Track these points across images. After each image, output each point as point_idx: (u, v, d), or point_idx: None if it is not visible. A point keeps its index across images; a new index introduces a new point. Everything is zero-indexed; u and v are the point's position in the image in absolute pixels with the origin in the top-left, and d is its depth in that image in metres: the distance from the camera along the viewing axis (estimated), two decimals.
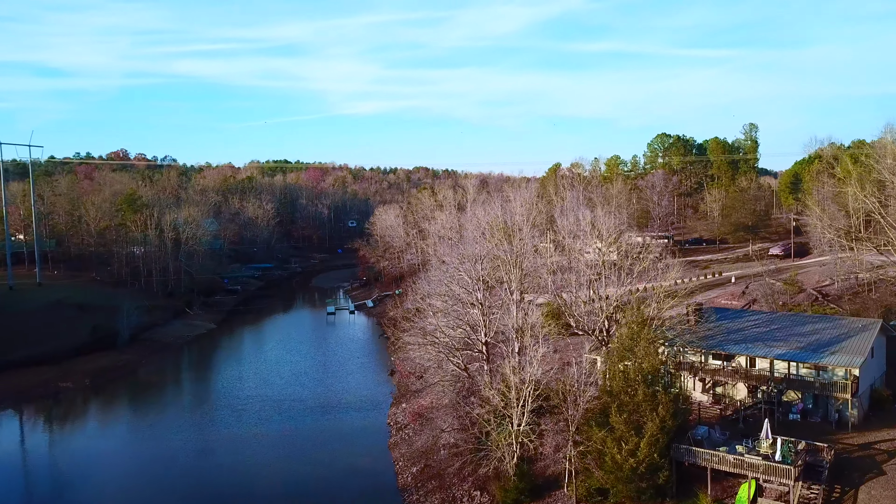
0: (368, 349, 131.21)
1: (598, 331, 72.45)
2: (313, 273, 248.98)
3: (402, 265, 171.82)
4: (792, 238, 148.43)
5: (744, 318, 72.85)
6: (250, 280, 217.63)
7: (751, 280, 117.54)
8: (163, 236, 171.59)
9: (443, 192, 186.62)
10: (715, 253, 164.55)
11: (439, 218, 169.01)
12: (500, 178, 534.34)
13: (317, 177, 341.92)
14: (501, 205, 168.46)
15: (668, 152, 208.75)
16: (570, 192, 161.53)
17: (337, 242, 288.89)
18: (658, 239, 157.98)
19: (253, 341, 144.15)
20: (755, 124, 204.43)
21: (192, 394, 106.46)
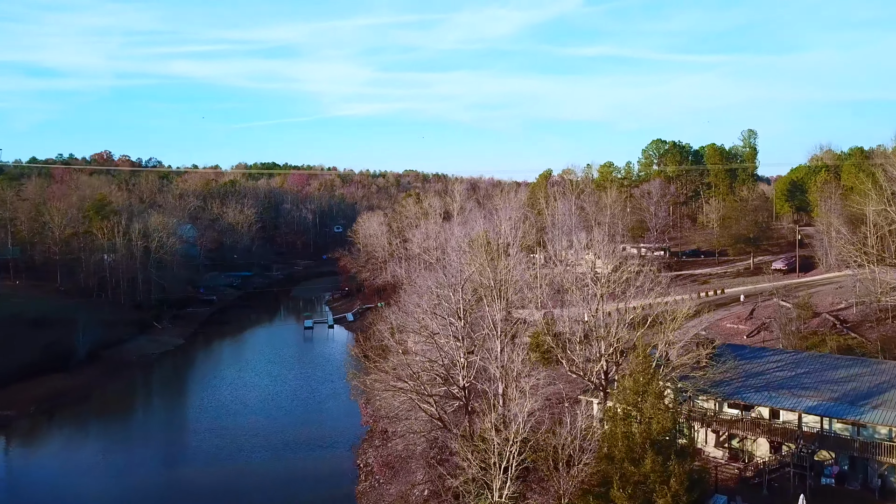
0: (343, 372, 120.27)
1: (596, 375, 61.81)
2: (296, 280, 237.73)
3: (384, 276, 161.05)
4: (797, 251, 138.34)
5: (764, 358, 62.28)
6: (228, 289, 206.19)
7: (758, 301, 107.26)
8: (131, 245, 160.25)
9: (428, 199, 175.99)
10: (714, 266, 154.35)
11: (423, 227, 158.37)
12: (491, 182, 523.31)
13: (301, 181, 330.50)
14: (487, 217, 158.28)
15: (664, 159, 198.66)
16: (561, 201, 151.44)
17: (322, 248, 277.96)
18: (654, 251, 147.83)
19: (220, 360, 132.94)
20: (754, 131, 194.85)
21: (143, 426, 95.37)
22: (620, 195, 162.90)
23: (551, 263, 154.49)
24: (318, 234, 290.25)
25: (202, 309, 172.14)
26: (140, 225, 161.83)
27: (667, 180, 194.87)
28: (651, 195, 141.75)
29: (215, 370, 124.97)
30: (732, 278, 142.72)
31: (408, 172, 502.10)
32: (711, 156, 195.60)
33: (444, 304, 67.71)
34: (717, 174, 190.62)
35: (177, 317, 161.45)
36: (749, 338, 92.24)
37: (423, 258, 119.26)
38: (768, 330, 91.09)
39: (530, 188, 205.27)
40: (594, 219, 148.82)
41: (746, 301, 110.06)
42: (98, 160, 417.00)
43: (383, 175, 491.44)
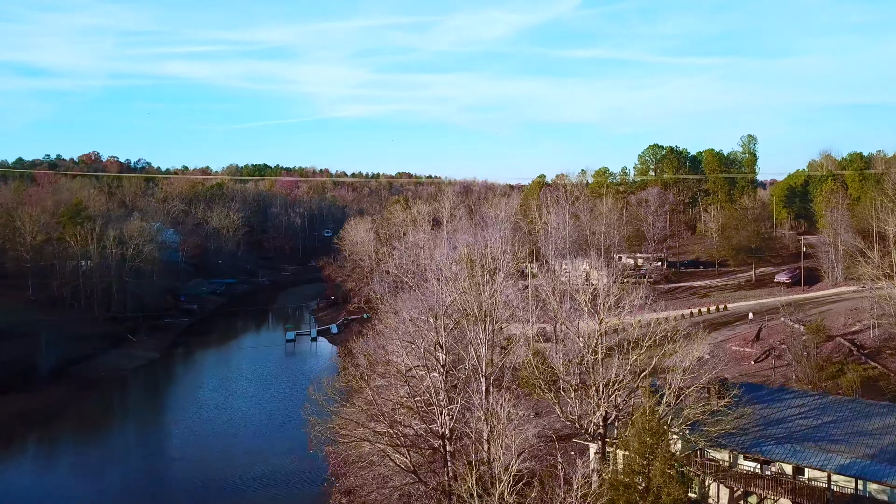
0: (321, 390, 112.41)
1: (594, 426, 53.96)
2: (282, 287, 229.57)
3: (370, 287, 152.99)
4: (801, 264, 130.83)
5: (784, 401, 54.44)
6: (211, 297, 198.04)
7: (765, 320, 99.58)
8: (105, 252, 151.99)
9: (417, 205, 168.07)
10: (714, 277, 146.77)
11: (410, 236, 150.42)
12: (485, 185, 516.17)
13: (290, 184, 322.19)
14: (478, 225, 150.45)
15: (661, 165, 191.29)
16: (554, 210, 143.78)
17: (311, 253, 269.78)
18: (652, 261, 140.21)
19: (194, 377, 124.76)
20: (753, 136, 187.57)
21: (103, 454, 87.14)
22: (616, 203, 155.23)
23: (544, 274, 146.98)
24: (307, 239, 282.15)
25: (181, 320, 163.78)
26: (115, 231, 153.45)
27: (664, 187, 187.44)
28: (648, 203, 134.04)
29: (188, 389, 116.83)
30: (733, 291, 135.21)
31: (400, 175, 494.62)
32: (710, 162, 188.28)
33: (422, 334, 60.07)
34: (715, 181, 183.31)
35: (154, 328, 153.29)
36: (757, 363, 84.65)
37: (403, 280, 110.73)
38: (778, 356, 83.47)
39: (523, 194, 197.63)
40: (589, 228, 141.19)
41: (753, 319, 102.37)
42: (85, 161, 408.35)
43: (376, 177, 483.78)
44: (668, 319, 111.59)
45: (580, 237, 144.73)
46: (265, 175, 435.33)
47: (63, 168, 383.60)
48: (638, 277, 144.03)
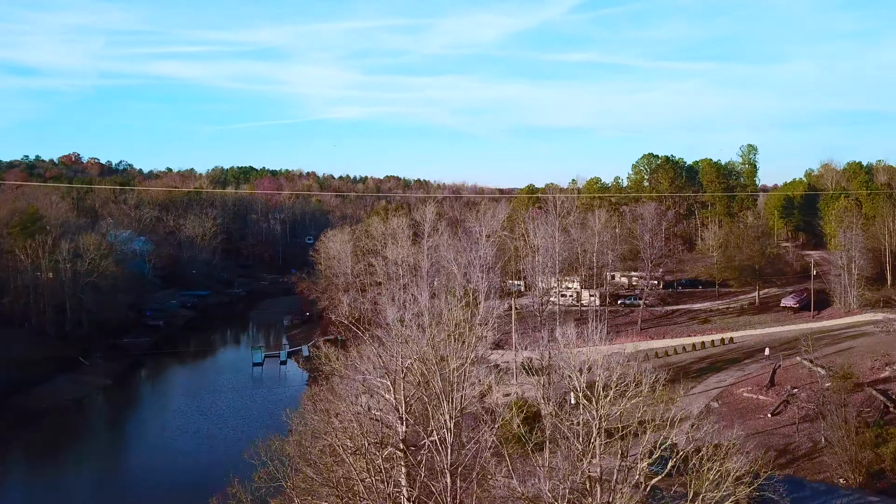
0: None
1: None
2: (259, 297, 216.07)
3: (343, 306, 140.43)
4: (811, 287, 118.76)
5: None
6: (180, 311, 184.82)
7: (779, 358, 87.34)
8: (59, 267, 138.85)
9: (397, 217, 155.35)
10: (714, 299, 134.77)
11: (389, 253, 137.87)
12: (474, 189, 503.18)
13: (272, 188, 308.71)
14: (461, 237, 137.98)
15: (656, 175, 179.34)
16: (543, 224, 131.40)
17: (291, 261, 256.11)
18: (648, 279, 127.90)
19: (144, 410, 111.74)
20: (754, 146, 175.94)
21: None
22: (609, 220, 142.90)
23: (531, 294, 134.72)
24: (288, 246, 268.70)
25: (142, 339, 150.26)
26: (69, 244, 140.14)
27: (658, 199, 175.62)
28: (644, 220, 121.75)
29: (134, 424, 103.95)
30: (736, 316, 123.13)
31: (388, 178, 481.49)
32: (707, 172, 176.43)
33: (378, 400, 47.97)
34: (713, 192, 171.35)
35: (112, 349, 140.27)
36: (774, 416, 72.39)
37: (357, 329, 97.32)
38: (799, 407, 71.16)
39: (511, 205, 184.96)
40: (580, 246, 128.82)
41: (769, 357, 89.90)
42: (65, 163, 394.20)
43: (363, 181, 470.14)
44: (668, 353, 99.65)
45: (571, 255, 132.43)
46: (250, 177, 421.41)
47: (42, 169, 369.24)
48: (633, 300, 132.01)
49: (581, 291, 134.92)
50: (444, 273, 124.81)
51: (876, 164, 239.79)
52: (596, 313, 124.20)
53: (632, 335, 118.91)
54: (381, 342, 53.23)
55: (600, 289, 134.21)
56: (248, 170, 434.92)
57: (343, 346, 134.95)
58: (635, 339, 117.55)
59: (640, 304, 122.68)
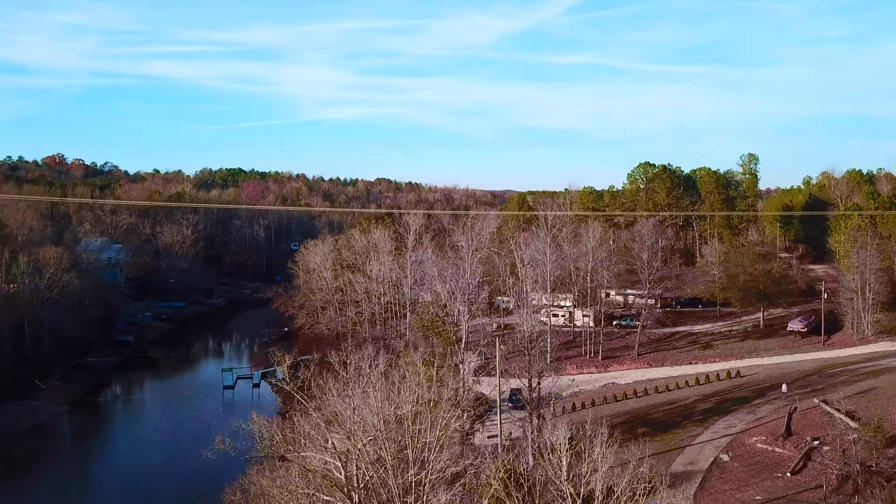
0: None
1: None
2: (240, 308, 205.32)
3: (321, 325, 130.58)
4: (822, 310, 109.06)
5: None
6: (154, 324, 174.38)
7: (793, 398, 77.61)
8: (17, 282, 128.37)
9: (379, 230, 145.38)
10: (715, 320, 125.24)
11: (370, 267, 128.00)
12: (466, 192, 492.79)
13: (257, 192, 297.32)
14: (446, 255, 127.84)
15: (652, 185, 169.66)
16: (534, 239, 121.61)
17: (275, 268, 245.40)
18: (646, 298, 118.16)
19: (100, 444, 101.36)
20: (755, 155, 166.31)
21: None
22: (605, 232, 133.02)
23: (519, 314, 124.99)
24: (272, 252, 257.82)
25: (109, 358, 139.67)
26: (28, 257, 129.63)
27: (655, 208, 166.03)
28: (643, 239, 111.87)
29: (85, 462, 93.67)
30: (740, 340, 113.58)
31: (379, 180, 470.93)
32: (706, 182, 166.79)
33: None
34: (713, 203, 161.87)
35: (74, 369, 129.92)
36: (795, 475, 62.63)
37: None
38: (820, 460, 61.45)
39: (501, 216, 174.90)
40: (573, 263, 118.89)
41: (787, 395, 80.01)
42: (49, 164, 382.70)
43: (353, 184, 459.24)
44: (668, 387, 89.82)
45: (563, 271, 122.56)
46: (238, 179, 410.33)
47: (24, 171, 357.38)
48: (629, 321, 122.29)
49: (574, 311, 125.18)
50: (428, 288, 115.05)
51: (877, 173, 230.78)
52: (590, 335, 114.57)
53: (628, 361, 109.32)
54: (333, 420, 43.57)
55: (594, 306, 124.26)
56: (237, 172, 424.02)
57: (319, 368, 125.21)
58: (632, 366, 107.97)
59: (637, 326, 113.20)
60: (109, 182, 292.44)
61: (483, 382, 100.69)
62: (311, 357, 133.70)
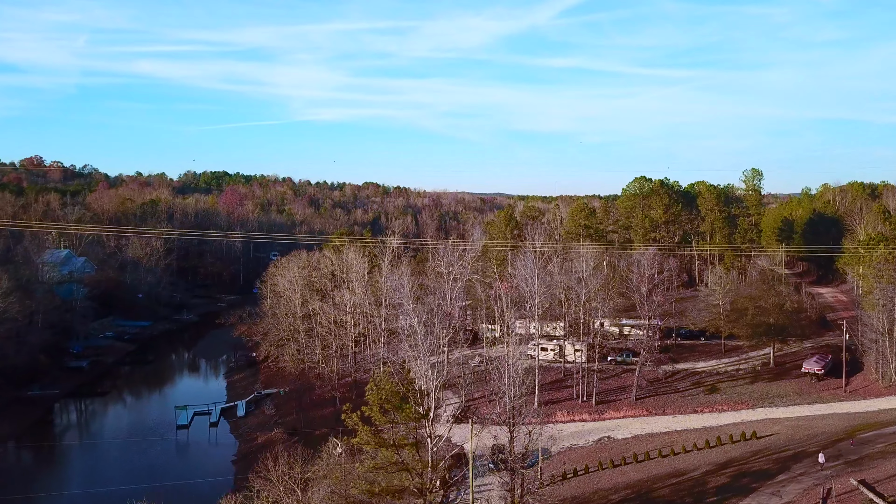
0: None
1: None
2: (212, 324, 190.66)
3: (285, 359, 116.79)
4: (844, 355, 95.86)
5: None
6: (116, 344, 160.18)
7: (825, 476, 64.23)
8: None
9: (353, 249, 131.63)
10: (720, 356, 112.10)
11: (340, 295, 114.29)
12: (455, 198, 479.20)
13: (234, 201, 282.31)
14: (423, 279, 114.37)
15: (648, 201, 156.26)
16: (522, 260, 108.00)
17: (253, 279, 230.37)
18: (645, 335, 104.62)
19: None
20: (758, 170, 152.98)
21: None
22: (599, 256, 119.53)
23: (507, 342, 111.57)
24: (250, 262, 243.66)
25: (54, 390, 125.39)
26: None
27: (652, 227, 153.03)
28: (642, 270, 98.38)
29: None
30: (750, 382, 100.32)
31: (367, 185, 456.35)
32: (707, 200, 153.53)
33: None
34: (713, 221, 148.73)
35: (13, 403, 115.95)
36: None
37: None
38: None
39: (489, 230, 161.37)
40: (564, 293, 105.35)
41: (823, 468, 66.48)
42: (27, 166, 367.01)
43: (341, 188, 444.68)
44: (673, 449, 76.36)
45: (553, 300, 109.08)
46: (222, 183, 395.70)
47: (0, 173, 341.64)
48: (626, 356, 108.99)
49: (565, 344, 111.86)
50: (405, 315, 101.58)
51: (880, 186, 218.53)
52: (582, 373, 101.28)
53: (625, 406, 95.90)
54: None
55: (586, 337, 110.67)
56: (221, 175, 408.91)
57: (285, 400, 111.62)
58: (629, 413, 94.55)
59: (635, 362, 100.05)
60: (82, 188, 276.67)
61: (464, 432, 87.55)
62: (277, 392, 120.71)
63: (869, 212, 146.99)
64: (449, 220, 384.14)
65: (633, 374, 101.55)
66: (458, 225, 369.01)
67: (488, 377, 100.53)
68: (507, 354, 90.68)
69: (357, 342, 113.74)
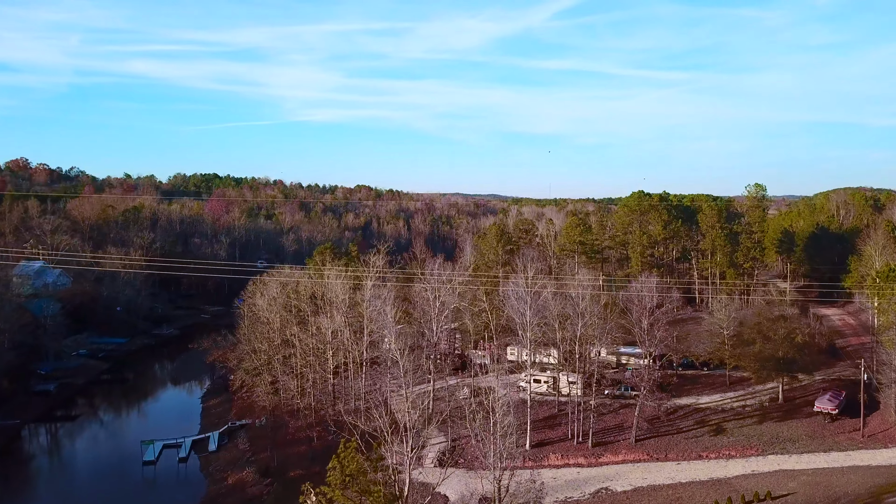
0: None
1: None
2: (193, 337, 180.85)
3: (259, 390, 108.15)
4: (861, 390, 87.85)
5: None
6: (90, 363, 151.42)
7: None
8: None
9: (335, 266, 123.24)
10: (724, 389, 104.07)
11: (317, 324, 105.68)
12: (448, 202, 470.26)
13: (219, 208, 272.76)
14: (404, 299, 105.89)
15: (647, 217, 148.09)
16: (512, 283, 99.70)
17: (238, 289, 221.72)
18: (646, 357, 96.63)
19: None
20: (762, 185, 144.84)
21: None
22: (594, 275, 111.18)
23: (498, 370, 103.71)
24: (237, 271, 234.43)
25: (14, 420, 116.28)
26: None
27: (651, 244, 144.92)
28: (643, 304, 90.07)
29: None
30: (757, 422, 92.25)
31: (359, 188, 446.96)
32: (708, 216, 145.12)
33: None
34: (715, 239, 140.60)
35: None
36: None
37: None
38: None
39: (477, 247, 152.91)
40: (557, 322, 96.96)
41: None
42: (12, 168, 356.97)
43: (332, 191, 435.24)
44: None
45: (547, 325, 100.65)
46: (212, 186, 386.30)
47: None
48: (625, 389, 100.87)
49: (559, 377, 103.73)
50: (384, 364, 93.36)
51: (883, 197, 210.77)
52: (578, 409, 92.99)
53: (624, 450, 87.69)
54: None
55: (582, 367, 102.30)
56: (211, 177, 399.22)
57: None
58: (629, 457, 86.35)
59: (633, 396, 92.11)
60: (63, 194, 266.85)
61: (450, 478, 79.29)
62: (253, 422, 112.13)
63: (876, 229, 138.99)
64: (441, 225, 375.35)
65: (632, 411, 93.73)
66: (451, 231, 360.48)
67: (475, 415, 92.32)
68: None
69: (336, 373, 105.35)
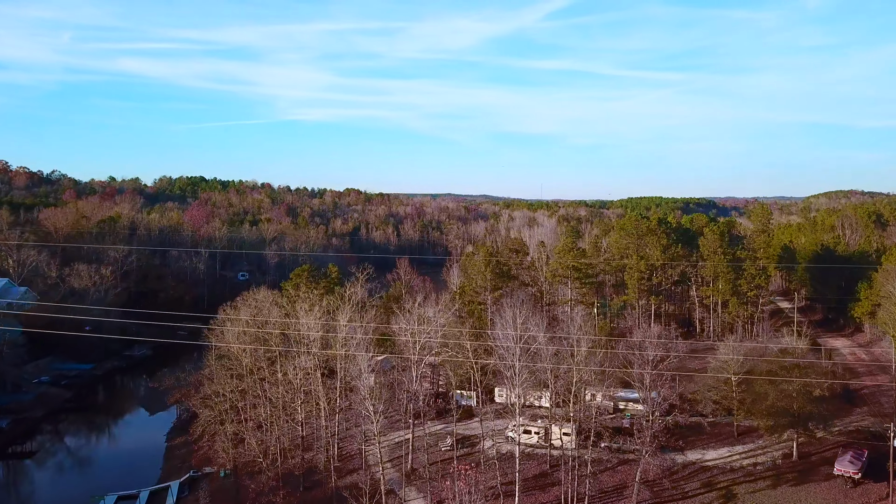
0: None
1: None
2: (165, 360, 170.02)
3: (219, 441, 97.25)
4: (891, 457, 77.74)
5: None
6: (50, 391, 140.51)
7: None
8: None
9: (312, 292, 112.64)
10: (731, 442, 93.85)
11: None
12: (439, 206, 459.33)
13: (200, 217, 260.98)
14: None
15: (644, 240, 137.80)
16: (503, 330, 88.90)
17: (218, 303, 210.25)
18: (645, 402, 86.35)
19: None
20: (767, 207, 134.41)
21: None
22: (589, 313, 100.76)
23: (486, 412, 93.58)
24: (216, 284, 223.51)
25: None
26: None
27: (648, 270, 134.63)
28: (644, 352, 79.89)
29: None
30: (771, 487, 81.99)
31: (349, 191, 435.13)
32: (710, 241, 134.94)
33: None
34: (717, 264, 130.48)
35: None
36: None
37: None
38: None
39: (464, 270, 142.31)
40: (550, 370, 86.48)
41: None
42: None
43: (321, 195, 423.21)
44: None
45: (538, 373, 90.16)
46: (198, 189, 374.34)
47: None
48: (623, 444, 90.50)
49: (551, 427, 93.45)
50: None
51: (886, 212, 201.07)
52: (572, 464, 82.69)
53: None
54: None
55: (577, 415, 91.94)
56: (198, 180, 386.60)
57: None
58: None
59: (633, 452, 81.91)
60: (39, 201, 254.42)
61: None
62: (216, 472, 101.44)
63: (888, 255, 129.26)
64: (432, 231, 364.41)
65: (631, 468, 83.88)
66: (442, 237, 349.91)
67: (456, 470, 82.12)
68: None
69: (306, 421, 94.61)
